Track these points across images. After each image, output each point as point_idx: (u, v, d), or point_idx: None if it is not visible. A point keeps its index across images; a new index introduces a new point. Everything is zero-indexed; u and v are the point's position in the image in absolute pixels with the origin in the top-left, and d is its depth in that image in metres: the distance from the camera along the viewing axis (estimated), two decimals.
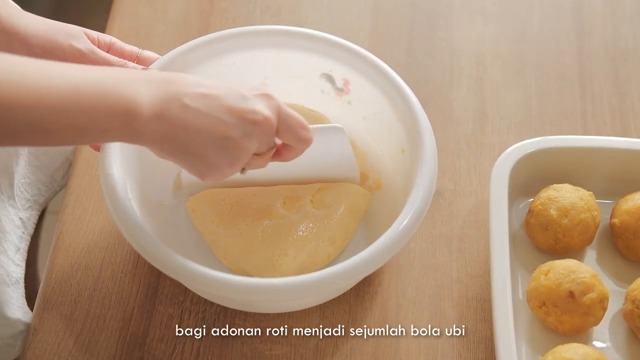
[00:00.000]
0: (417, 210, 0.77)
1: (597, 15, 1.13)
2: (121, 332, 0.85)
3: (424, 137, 0.81)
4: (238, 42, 0.88)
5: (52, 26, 0.78)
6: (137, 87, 0.63)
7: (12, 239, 0.88)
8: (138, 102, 0.63)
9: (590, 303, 0.81)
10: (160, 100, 0.64)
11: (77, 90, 0.61)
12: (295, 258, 0.82)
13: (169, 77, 0.67)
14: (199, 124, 0.66)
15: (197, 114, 0.66)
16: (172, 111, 0.65)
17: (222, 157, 0.68)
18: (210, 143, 0.67)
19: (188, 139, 0.66)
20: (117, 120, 0.63)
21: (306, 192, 0.87)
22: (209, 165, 0.69)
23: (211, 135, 0.67)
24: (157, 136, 0.65)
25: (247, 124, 0.68)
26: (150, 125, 0.64)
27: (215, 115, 0.67)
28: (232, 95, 0.68)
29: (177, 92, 0.65)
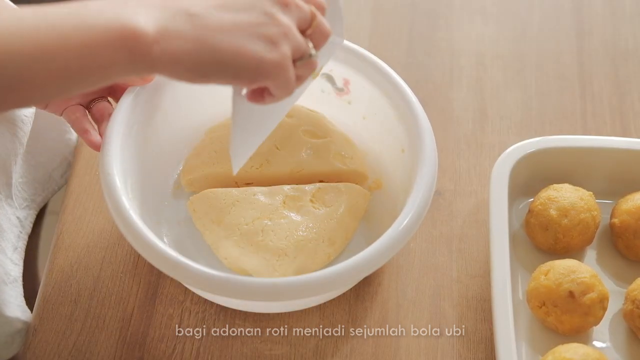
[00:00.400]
0: (417, 210, 0.77)
1: (597, 15, 1.13)
2: (121, 332, 0.85)
3: (424, 137, 0.81)
4: None
5: None
6: (129, 9, 0.57)
7: (10, 238, 0.88)
8: (136, 24, 0.56)
9: (590, 303, 0.81)
10: (162, 17, 0.57)
11: (55, 28, 0.55)
12: (295, 258, 0.82)
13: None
14: (217, 23, 0.59)
15: (210, 15, 0.59)
16: (180, 24, 0.58)
17: (260, 43, 0.60)
18: (240, 36, 0.59)
19: (212, 44, 0.58)
20: (117, 49, 0.56)
21: (306, 192, 0.87)
22: (252, 59, 0.60)
23: (237, 27, 0.59)
24: (175, 55, 0.58)
25: (266, 4, 0.61)
26: (159, 46, 0.57)
27: (230, 10, 0.60)
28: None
29: (178, 6, 0.59)
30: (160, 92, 0.84)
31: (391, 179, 0.90)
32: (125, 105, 0.80)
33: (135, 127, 0.81)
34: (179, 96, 0.87)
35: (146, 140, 0.84)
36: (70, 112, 0.80)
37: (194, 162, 0.90)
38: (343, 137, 0.91)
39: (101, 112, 0.81)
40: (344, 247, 0.86)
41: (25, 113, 0.88)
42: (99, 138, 0.79)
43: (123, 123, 0.79)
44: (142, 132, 0.83)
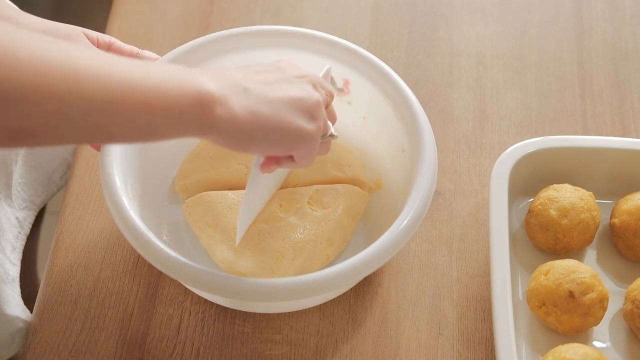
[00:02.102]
0: (417, 211, 0.77)
1: (597, 15, 1.13)
2: (121, 332, 0.85)
3: (424, 137, 0.81)
4: (238, 43, 0.88)
5: (51, 26, 0.78)
6: (203, 77, 0.64)
7: (9, 238, 0.88)
8: (208, 88, 0.63)
9: (590, 303, 0.81)
10: (224, 85, 0.64)
11: (150, 75, 0.61)
12: (293, 260, 0.82)
13: (220, 71, 0.67)
14: (266, 96, 0.67)
15: (260, 90, 0.67)
16: (237, 93, 0.65)
17: (302, 116, 0.68)
18: (283, 109, 0.67)
19: (262, 112, 0.66)
20: (190, 102, 0.62)
21: (303, 194, 0.86)
22: (294, 129, 0.68)
23: (282, 101, 0.67)
24: (232, 118, 0.64)
25: (300, 83, 0.70)
26: (222, 107, 0.63)
27: (275, 84, 0.68)
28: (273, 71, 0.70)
29: (235, 80, 0.66)
30: None
31: (391, 179, 0.90)
32: None
33: None
34: None
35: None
36: None
37: (188, 168, 0.90)
38: (340, 145, 0.91)
39: None
40: (343, 248, 0.86)
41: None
42: None
43: None
44: None
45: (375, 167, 0.92)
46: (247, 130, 0.65)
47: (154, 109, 0.60)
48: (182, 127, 0.63)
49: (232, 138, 0.66)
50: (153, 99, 0.60)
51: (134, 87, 0.59)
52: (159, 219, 0.87)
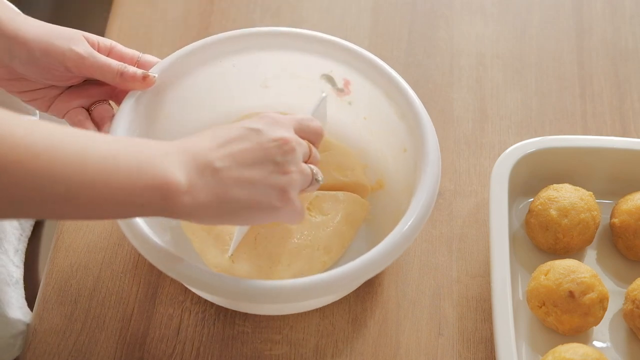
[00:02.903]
0: (421, 211, 0.77)
1: (597, 15, 1.13)
2: (121, 332, 0.85)
3: (427, 136, 0.81)
4: (238, 45, 0.88)
5: (51, 30, 0.78)
6: (170, 161, 0.63)
7: (12, 240, 0.88)
8: (174, 178, 0.63)
9: (590, 303, 0.81)
10: (193, 171, 0.64)
11: (116, 161, 0.61)
12: (289, 266, 0.82)
13: (192, 144, 0.67)
14: (236, 177, 0.66)
15: (230, 170, 0.66)
16: (205, 178, 0.65)
17: (273, 194, 0.68)
18: (255, 189, 0.67)
19: (231, 196, 0.66)
20: (155, 195, 0.62)
21: (303, 199, 0.86)
22: (265, 208, 0.68)
23: (252, 183, 0.67)
24: (200, 205, 0.65)
25: (276, 154, 0.69)
26: (189, 196, 0.64)
27: (246, 164, 0.67)
28: (248, 137, 0.69)
29: (205, 160, 0.65)
30: (161, 97, 0.84)
31: (393, 178, 0.89)
32: (127, 109, 0.80)
33: (137, 131, 0.81)
34: (179, 100, 0.87)
35: None
36: (73, 115, 0.81)
37: None
38: (342, 149, 0.91)
39: (102, 115, 0.81)
40: (340, 256, 0.86)
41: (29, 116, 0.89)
42: None
43: (125, 127, 0.79)
44: (143, 136, 0.83)
45: (377, 167, 0.92)
46: (214, 215, 0.66)
47: (118, 203, 0.61)
48: (145, 214, 0.64)
49: (199, 221, 0.67)
50: (116, 194, 0.61)
51: (95, 184, 0.60)
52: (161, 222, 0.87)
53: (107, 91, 0.82)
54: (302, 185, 0.71)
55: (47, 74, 0.78)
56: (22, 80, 0.79)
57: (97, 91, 0.82)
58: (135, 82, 0.80)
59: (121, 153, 0.61)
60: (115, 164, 0.61)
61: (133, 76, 0.80)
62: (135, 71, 0.80)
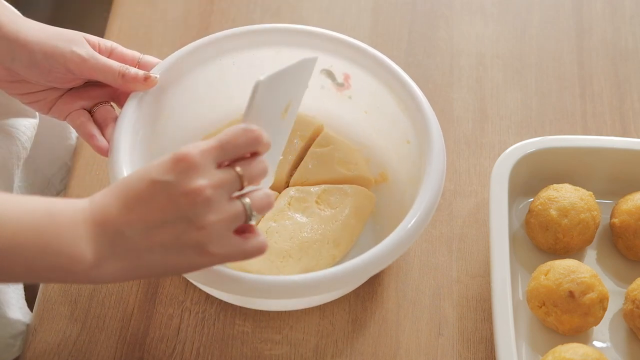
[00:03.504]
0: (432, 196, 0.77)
1: (597, 15, 1.13)
2: (121, 332, 0.85)
3: (430, 126, 0.81)
4: (236, 43, 0.88)
5: (53, 32, 0.78)
6: (77, 235, 0.62)
7: None
8: (80, 252, 0.62)
9: (590, 303, 0.81)
10: (102, 244, 0.63)
11: (15, 241, 0.61)
12: (299, 260, 0.82)
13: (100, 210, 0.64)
14: (148, 243, 0.63)
15: (140, 236, 0.63)
16: (116, 249, 0.63)
17: (189, 252, 0.64)
18: (168, 252, 0.64)
19: (145, 264, 0.64)
20: (61, 272, 0.63)
21: (312, 193, 0.87)
22: (185, 267, 0.66)
23: (164, 246, 0.64)
24: (112, 276, 0.64)
25: (187, 210, 0.63)
26: (97, 270, 0.63)
27: (156, 226, 0.63)
28: (158, 193, 0.63)
29: (113, 227, 0.63)
30: (163, 97, 0.84)
31: (397, 171, 0.90)
32: (130, 111, 0.80)
33: (141, 132, 0.81)
34: (181, 100, 0.87)
35: (152, 146, 0.84)
36: (75, 117, 0.81)
37: None
38: (344, 144, 0.91)
39: (105, 117, 0.81)
40: (349, 249, 0.86)
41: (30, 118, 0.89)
42: (106, 143, 0.79)
43: (129, 129, 0.79)
44: (147, 137, 0.83)
45: (380, 161, 0.92)
46: (133, 278, 0.65)
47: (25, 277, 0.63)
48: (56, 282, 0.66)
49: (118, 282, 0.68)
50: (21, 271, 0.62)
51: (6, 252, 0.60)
52: None
53: (108, 93, 0.82)
54: (233, 226, 0.65)
55: (48, 76, 0.78)
56: (23, 82, 0.79)
57: (99, 93, 0.82)
58: (137, 83, 0.80)
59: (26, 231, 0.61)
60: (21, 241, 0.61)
61: (134, 77, 0.80)
62: (137, 72, 0.80)
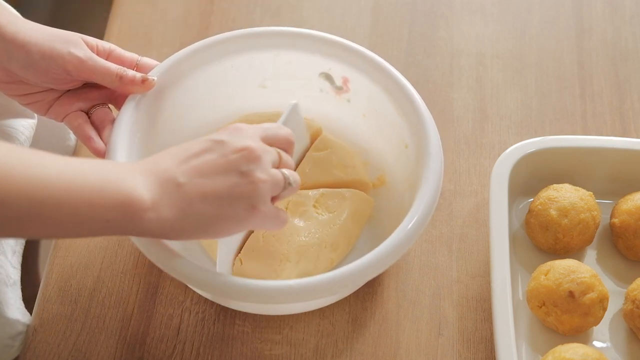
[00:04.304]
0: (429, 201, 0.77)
1: (597, 15, 1.13)
2: (121, 332, 0.85)
3: (428, 131, 0.81)
4: (235, 45, 0.88)
5: (51, 33, 0.78)
6: (134, 179, 0.64)
7: (9, 242, 0.88)
8: (138, 194, 0.63)
9: (590, 303, 0.81)
10: (156, 187, 0.64)
11: (80, 179, 0.61)
12: (297, 263, 0.82)
13: (154, 162, 0.67)
14: (200, 191, 0.66)
15: (194, 184, 0.66)
16: (169, 194, 0.65)
17: (239, 205, 0.67)
18: (220, 201, 0.66)
19: (195, 211, 0.66)
20: (118, 213, 0.62)
21: (310, 197, 0.86)
22: (232, 220, 0.67)
23: (216, 195, 0.66)
24: (163, 221, 0.65)
25: (240, 164, 0.67)
26: (153, 213, 0.64)
27: (211, 172, 0.67)
28: (211, 149, 0.68)
29: (168, 175, 0.65)
30: (161, 99, 0.84)
31: (395, 175, 0.90)
32: (128, 113, 0.80)
33: (138, 135, 0.81)
34: (179, 102, 0.87)
35: (149, 148, 0.84)
36: (72, 119, 0.81)
37: None
38: (342, 147, 0.91)
39: (102, 119, 0.81)
40: (347, 253, 0.86)
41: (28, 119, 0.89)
42: (103, 145, 0.80)
43: (127, 131, 0.79)
44: (145, 139, 0.83)
45: (378, 164, 0.92)
46: (181, 230, 0.66)
47: (82, 221, 0.61)
48: (111, 231, 0.64)
49: (167, 237, 0.67)
50: (79, 210, 0.61)
51: (60, 198, 0.60)
52: None
53: (106, 94, 0.82)
54: (273, 191, 0.69)
55: (45, 77, 0.77)
56: (21, 83, 0.79)
57: (96, 94, 0.82)
58: (135, 85, 0.80)
59: (86, 171, 0.62)
60: (79, 182, 0.61)
61: (132, 79, 0.80)
62: (135, 74, 0.80)
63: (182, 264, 0.72)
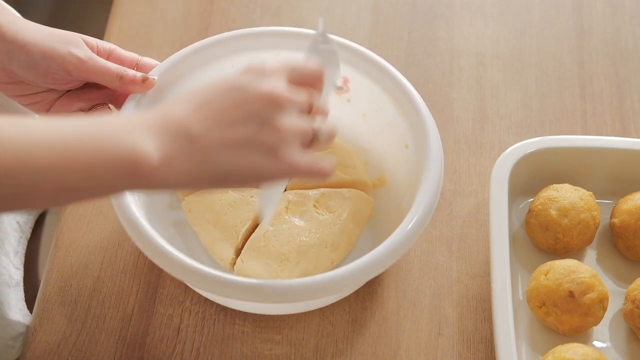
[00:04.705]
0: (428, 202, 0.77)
1: (597, 15, 1.13)
2: (121, 332, 0.85)
3: (429, 131, 0.81)
4: (235, 45, 0.88)
5: (51, 33, 0.78)
6: (136, 134, 0.59)
7: (12, 242, 0.88)
8: (142, 150, 0.58)
9: (590, 303, 0.81)
10: (166, 143, 0.60)
11: (67, 146, 0.57)
12: (297, 263, 0.82)
13: (164, 111, 0.62)
14: (217, 141, 0.61)
15: (210, 134, 0.61)
16: (182, 148, 0.60)
17: (261, 155, 0.62)
18: (239, 152, 0.61)
19: (212, 163, 0.61)
20: (121, 174, 0.58)
21: (310, 197, 0.86)
22: (254, 171, 0.62)
23: (236, 145, 0.61)
24: (176, 178, 0.60)
25: (262, 111, 0.62)
26: (162, 171, 0.59)
27: (228, 125, 0.61)
28: (230, 95, 0.62)
29: (180, 127, 0.61)
30: (161, 99, 0.84)
31: (395, 175, 0.90)
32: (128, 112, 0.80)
33: None
34: None
35: None
36: None
37: None
38: (342, 147, 0.91)
39: None
40: (348, 253, 0.86)
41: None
42: None
43: None
44: None
45: (378, 164, 0.92)
46: (198, 183, 0.62)
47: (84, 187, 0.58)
48: (119, 186, 0.60)
49: (181, 189, 0.64)
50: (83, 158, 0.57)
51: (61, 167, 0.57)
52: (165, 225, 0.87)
53: (106, 94, 0.82)
54: (300, 140, 0.63)
55: (46, 77, 0.77)
56: (21, 83, 0.79)
57: (97, 94, 0.82)
58: (135, 85, 0.80)
59: (85, 132, 0.58)
60: (77, 144, 0.58)
61: (132, 79, 0.80)
62: (135, 74, 0.80)
63: (182, 264, 0.73)
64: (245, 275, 0.82)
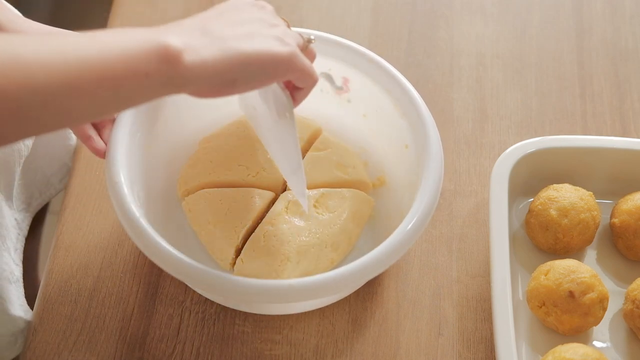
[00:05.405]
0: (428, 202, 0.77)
1: (597, 15, 1.13)
2: (121, 332, 0.85)
3: (429, 131, 0.82)
4: None
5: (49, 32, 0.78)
6: (160, 32, 0.62)
7: (11, 238, 0.88)
8: (170, 40, 0.61)
9: (590, 303, 0.81)
10: (185, 35, 0.63)
11: (110, 39, 0.60)
12: (298, 263, 0.82)
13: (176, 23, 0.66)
14: (231, 33, 0.66)
15: (224, 29, 0.66)
16: (200, 39, 0.64)
17: (271, 40, 0.67)
18: (254, 39, 0.66)
19: (234, 48, 0.65)
20: (156, 60, 0.60)
21: (310, 197, 0.86)
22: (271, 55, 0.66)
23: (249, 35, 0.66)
24: (204, 62, 0.63)
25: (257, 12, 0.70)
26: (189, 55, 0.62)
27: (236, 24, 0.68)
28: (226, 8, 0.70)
29: (193, 27, 0.65)
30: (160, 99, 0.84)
31: (395, 175, 0.90)
32: (128, 113, 0.80)
33: (138, 134, 0.81)
34: (179, 101, 0.87)
35: (149, 148, 0.84)
36: None
37: (189, 173, 0.89)
38: (342, 147, 0.91)
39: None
40: (348, 253, 0.86)
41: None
42: (102, 145, 0.79)
43: (127, 131, 0.79)
44: (145, 139, 0.83)
45: (378, 164, 0.92)
46: (223, 71, 0.64)
47: (117, 78, 0.59)
48: (153, 89, 0.62)
49: (211, 83, 0.64)
50: (114, 68, 0.59)
51: (92, 62, 0.58)
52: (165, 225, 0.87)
53: None
54: (296, 40, 0.71)
55: None
56: None
57: None
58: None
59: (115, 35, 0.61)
60: (110, 40, 0.60)
61: None
62: None
63: (182, 264, 0.73)
64: (245, 275, 0.82)
